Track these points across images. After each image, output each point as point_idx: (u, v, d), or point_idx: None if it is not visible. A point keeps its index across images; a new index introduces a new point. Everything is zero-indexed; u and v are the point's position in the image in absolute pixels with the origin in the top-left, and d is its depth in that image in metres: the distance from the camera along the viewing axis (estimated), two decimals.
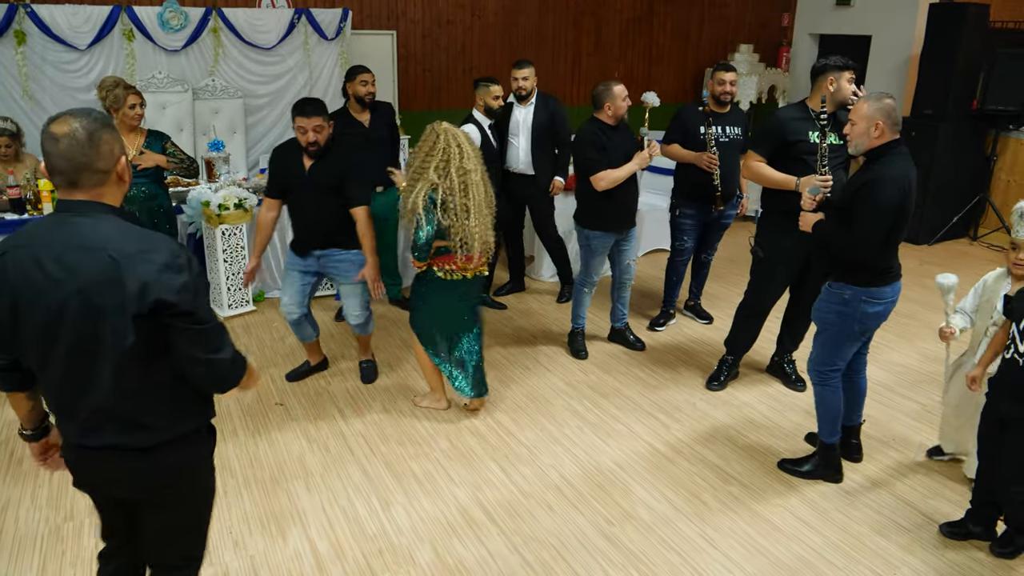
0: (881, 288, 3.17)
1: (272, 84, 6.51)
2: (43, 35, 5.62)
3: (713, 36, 8.92)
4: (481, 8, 7.58)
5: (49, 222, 1.79)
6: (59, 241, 1.74)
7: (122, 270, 1.71)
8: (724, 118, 4.83)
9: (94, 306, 1.72)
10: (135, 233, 1.78)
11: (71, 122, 1.75)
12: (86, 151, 1.74)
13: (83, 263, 1.72)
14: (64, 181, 1.76)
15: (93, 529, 3.08)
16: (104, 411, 1.84)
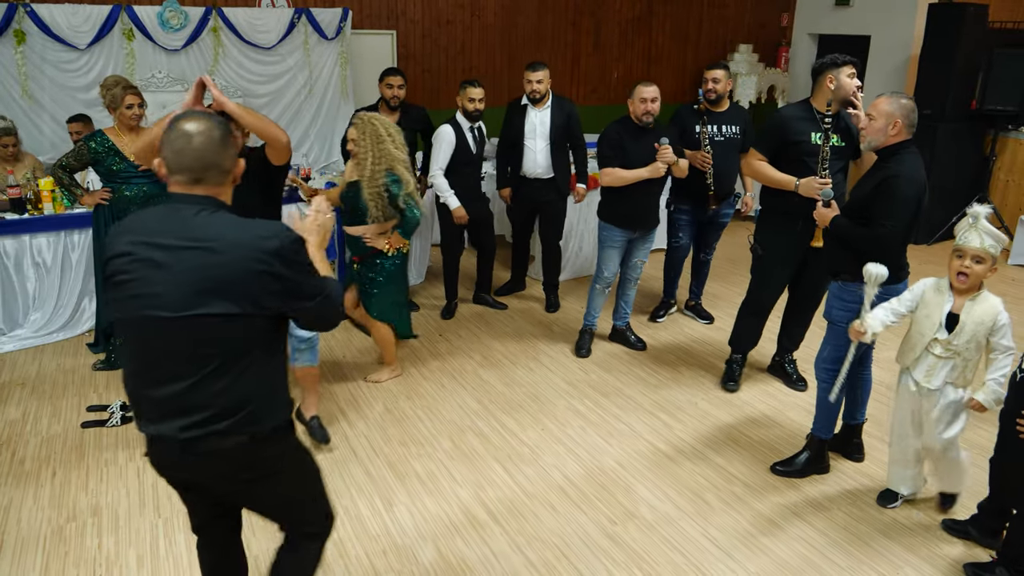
0: (895, 286, 3.18)
1: (272, 84, 6.51)
2: (43, 34, 5.62)
3: (712, 36, 8.92)
4: (480, 8, 7.58)
5: (164, 212, 1.83)
6: (174, 230, 1.79)
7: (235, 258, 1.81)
8: (721, 117, 4.84)
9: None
10: (251, 224, 1.86)
11: (205, 121, 1.82)
12: (218, 150, 1.82)
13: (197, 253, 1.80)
14: (189, 178, 1.82)
15: (96, 529, 3.08)
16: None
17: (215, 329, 1.79)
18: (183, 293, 1.76)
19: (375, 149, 3.80)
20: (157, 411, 1.86)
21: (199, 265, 1.77)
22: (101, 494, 3.30)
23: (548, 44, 8.02)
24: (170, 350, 1.81)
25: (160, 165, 1.86)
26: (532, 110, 5.12)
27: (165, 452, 1.91)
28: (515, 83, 7.88)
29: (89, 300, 4.91)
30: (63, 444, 3.69)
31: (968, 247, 2.81)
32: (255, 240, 1.80)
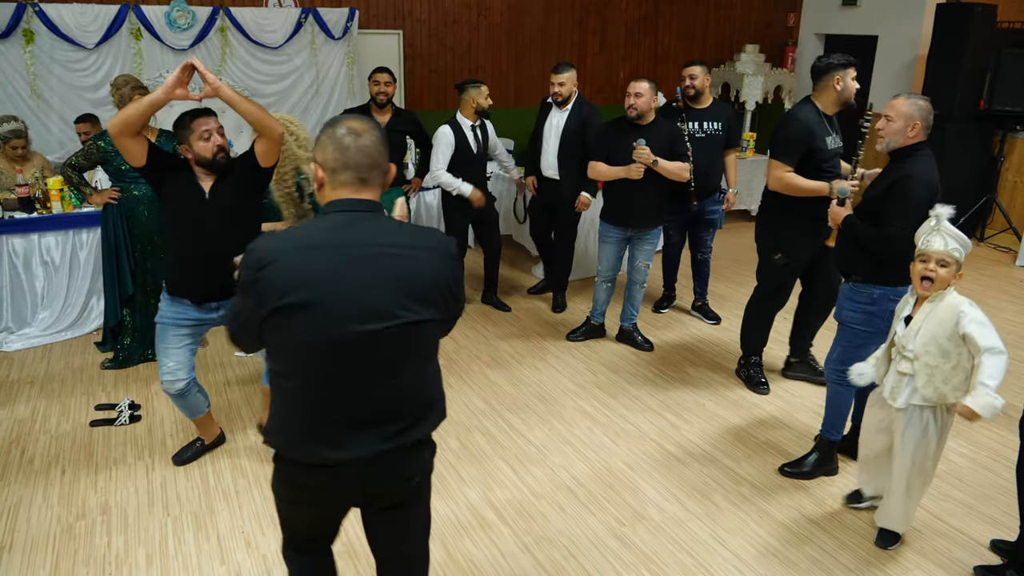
0: (907, 287, 3.16)
1: (279, 83, 6.52)
2: (51, 34, 5.63)
3: (719, 36, 8.91)
4: (487, 8, 7.58)
5: (346, 221, 1.74)
6: (367, 238, 1.73)
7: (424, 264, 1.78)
8: (702, 113, 4.88)
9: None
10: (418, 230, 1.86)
11: (364, 122, 1.78)
12: (381, 150, 1.78)
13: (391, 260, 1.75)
14: (355, 177, 1.75)
15: (105, 527, 3.08)
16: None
17: (414, 336, 1.76)
18: (387, 302, 1.71)
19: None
20: (348, 432, 1.77)
21: (401, 272, 1.72)
22: (110, 493, 3.31)
23: (554, 44, 8.01)
24: (367, 364, 1.73)
25: (317, 168, 1.78)
26: (554, 110, 5.19)
27: (356, 475, 1.82)
28: (521, 83, 7.91)
29: (97, 299, 4.92)
30: (72, 442, 3.70)
31: (932, 251, 2.69)
32: (442, 244, 1.81)
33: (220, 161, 3.06)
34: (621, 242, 4.64)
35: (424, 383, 1.85)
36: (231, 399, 4.14)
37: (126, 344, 4.53)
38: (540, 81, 8.00)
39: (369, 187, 1.77)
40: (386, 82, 4.95)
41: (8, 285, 4.72)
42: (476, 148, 5.05)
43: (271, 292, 1.69)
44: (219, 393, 4.20)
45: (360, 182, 1.76)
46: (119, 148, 2.94)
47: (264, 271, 1.69)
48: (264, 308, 1.71)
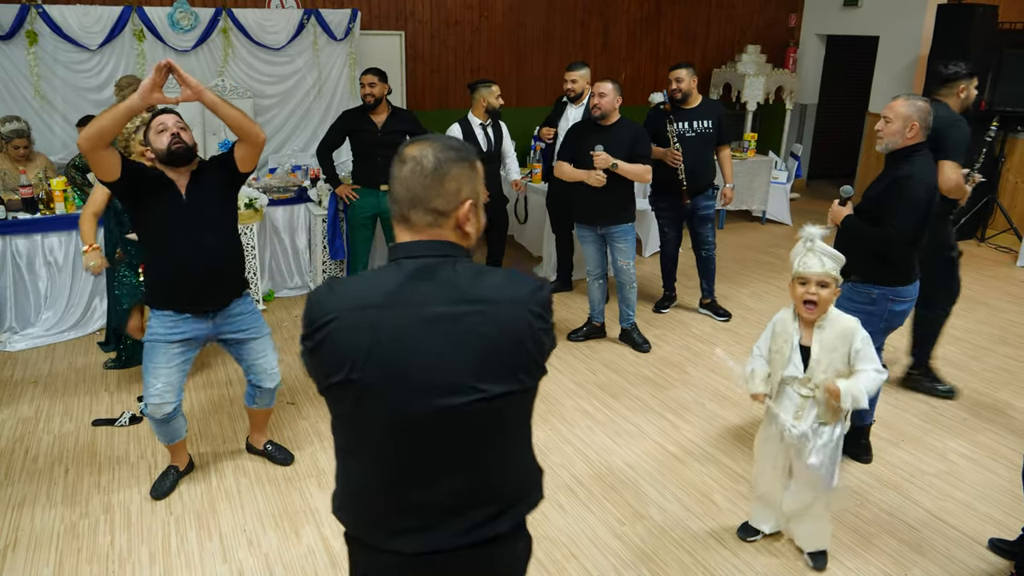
0: (907, 287, 3.21)
1: (281, 84, 6.53)
2: (54, 35, 5.65)
3: (720, 36, 8.92)
4: (489, 9, 7.59)
5: (412, 271, 1.45)
6: (439, 294, 1.43)
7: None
8: (691, 113, 4.99)
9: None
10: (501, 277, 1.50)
11: (424, 147, 1.47)
12: (426, 183, 1.45)
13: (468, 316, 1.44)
14: (397, 213, 1.49)
15: (108, 526, 3.10)
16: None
17: (499, 409, 1.46)
18: (465, 374, 1.41)
19: None
20: (426, 520, 1.49)
21: (481, 334, 1.42)
22: (113, 492, 3.33)
23: (556, 45, 8.03)
24: (444, 444, 1.45)
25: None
26: (570, 107, 5.34)
27: (434, 570, 1.53)
28: (523, 83, 7.92)
29: (100, 299, 4.94)
30: (75, 442, 3.72)
31: (811, 273, 2.61)
32: (531, 293, 1.47)
33: (178, 151, 2.90)
34: (598, 239, 4.72)
35: (514, 461, 1.56)
36: (233, 396, 4.15)
37: (128, 344, 4.55)
38: (542, 82, 8.02)
39: (411, 227, 1.48)
40: (370, 83, 4.96)
41: (12, 286, 4.75)
42: (486, 146, 5.11)
43: (329, 363, 1.44)
44: (221, 390, 4.22)
45: (401, 221, 1.49)
46: (91, 162, 2.74)
47: (321, 333, 1.44)
48: (322, 380, 1.47)
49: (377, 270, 1.51)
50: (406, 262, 1.46)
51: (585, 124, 4.67)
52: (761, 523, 3.05)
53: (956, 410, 4.15)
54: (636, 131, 4.52)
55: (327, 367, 1.44)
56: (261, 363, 3.28)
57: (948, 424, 4.00)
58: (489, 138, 5.14)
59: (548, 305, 1.50)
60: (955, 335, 5.13)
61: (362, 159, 5.14)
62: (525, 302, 1.46)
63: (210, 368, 4.52)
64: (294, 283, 5.78)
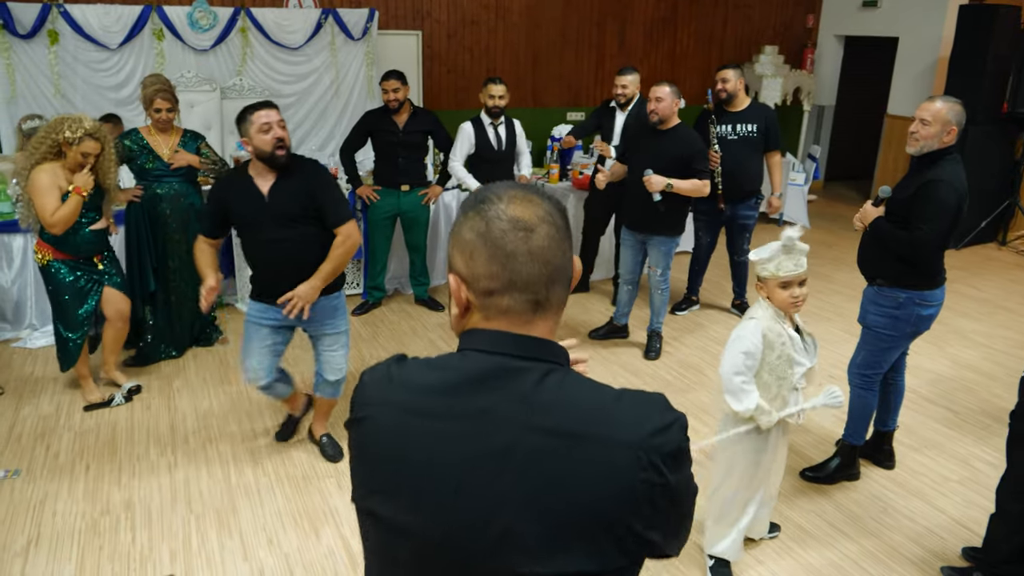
0: (933, 291, 3.17)
1: (299, 84, 6.55)
2: (75, 34, 5.68)
3: (737, 37, 8.87)
4: (505, 9, 7.59)
5: (488, 371, 1.03)
6: (507, 414, 1.01)
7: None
8: (736, 116, 4.89)
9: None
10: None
11: (540, 203, 1.07)
12: (564, 246, 1.08)
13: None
14: (527, 302, 1.05)
15: (129, 523, 3.11)
16: None
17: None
18: (540, 529, 0.96)
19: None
20: None
21: (558, 477, 0.97)
22: (134, 489, 3.35)
23: (573, 45, 8.01)
24: None
25: (458, 283, 1.07)
26: (619, 112, 5.25)
27: None
28: (539, 84, 7.91)
29: None
30: (96, 438, 3.74)
31: (794, 275, 2.59)
32: (651, 434, 1.00)
33: (280, 158, 3.01)
34: (637, 245, 4.65)
35: None
36: (252, 395, 4.16)
37: (148, 341, 4.57)
38: (558, 82, 8.00)
39: (546, 314, 1.07)
40: (394, 89, 4.95)
41: (32, 283, 4.78)
42: (496, 145, 5.08)
43: (356, 472, 1.11)
44: (240, 387, 4.23)
45: (533, 308, 1.05)
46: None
47: (356, 429, 1.11)
48: (354, 489, 1.13)
49: (446, 357, 1.09)
50: (479, 357, 1.05)
51: (642, 126, 4.55)
52: (740, 551, 2.89)
53: (979, 416, 4.11)
54: (693, 144, 4.34)
55: (354, 474, 1.12)
56: (327, 355, 3.42)
57: (971, 430, 3.96)
58: (499, 137, 5.12)
59: (676, 454, 1.02)
60: (976, 339, 5.08)
61: (383, 160, 5.14)
62: (637, 445, 0.98)
63: (229, 367, 4.53)
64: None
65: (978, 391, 4.29)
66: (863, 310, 3.34)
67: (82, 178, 3.71)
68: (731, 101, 4.89)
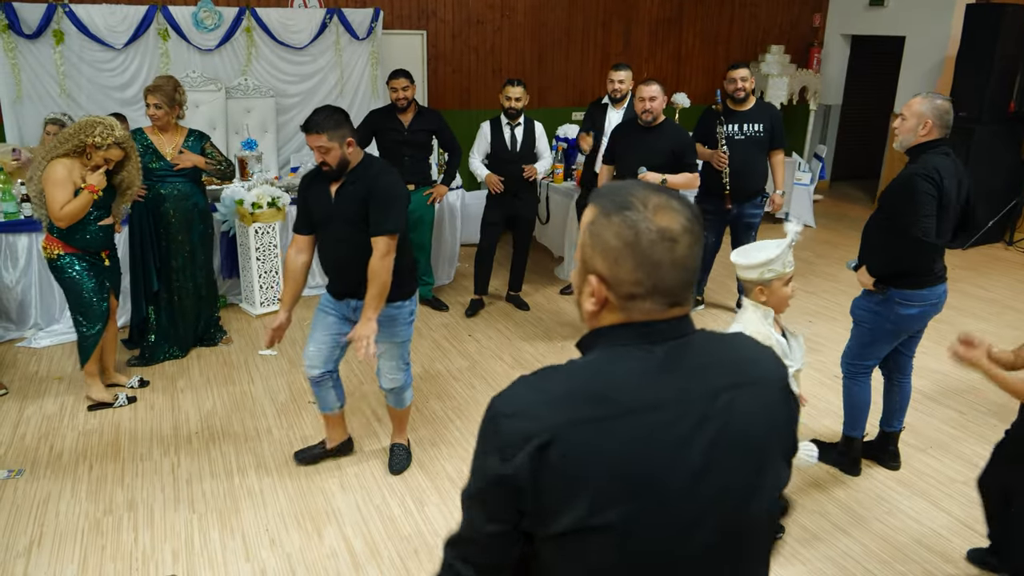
0: (917, 291, 3.14)
1: (303, 84, 6.55)
2: (80, 34, 5.69)
3: (743, 36, 8.84)
4: (511, 8, 7.57)
5: (664, 356, 1.11)
6: (701, 385, 1.11)
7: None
8: (742, 116, 4.87)
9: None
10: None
11: (682, 211, 1.11)
12: (699, 254, 1.14)
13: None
14: (666, 304, 1.12)
15: (132, 523, 3.11)
16: None
17: (764, 527, 1.18)
18: (742, 484, 1.11)
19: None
20: None
21: (748, 423, 1.12)
22: (136, 489, 3.35)
23: (578, 44, 7.99)
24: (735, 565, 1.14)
25: (598, 283, 1.12)
26: (611, 109, 5.27)
27: None
28: (544, 83, 7.89)
29: (124, 297, 4.95)
30: (99, 438, 3.74)
31: (790, 271, 2.54)
32: (781, 370, 1.21)
33: (327, 173, 3.08)
34: None
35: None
36: (255, 394, 4.16)
37: (151, 341, 4.57)
38: (563, 82, 7.99)
39: (681, 309, 1.14)
40: (403, 87, 4.96)
41: (37, 283, 4.79)
42: (511, 146, 5.08)
43: (562, 498, 1.04)
44: (243, 387, 4.23)
45: (670, 307, 1.12)
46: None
47: (541, 457, 1.03)
48: (544, 527, 1.07)
49: (597, 358, 1.12)
50: (639, 349, 1.11)
51: (629, 126, 4.60)
52: None
53: (986, 416, 4.08)
54: (682, 138, 4.41)
55: (551, 509, 1.04)
56: (381, 362, 3.37)
57: (977, 430, 3.93)
58: (515, 138, 5.12)
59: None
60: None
61: (388, 159, 5.12)
62: (782, 381, 1.18)
63: (233, 367, 4.53)
64: (315, 282, 5.77)
65: (984, 391, 4.26)
66: (854, 301, 3.39)
67: (96, 177, 3.72)
68: (744, 100, 4.87)
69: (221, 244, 5.32)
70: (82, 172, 3.72)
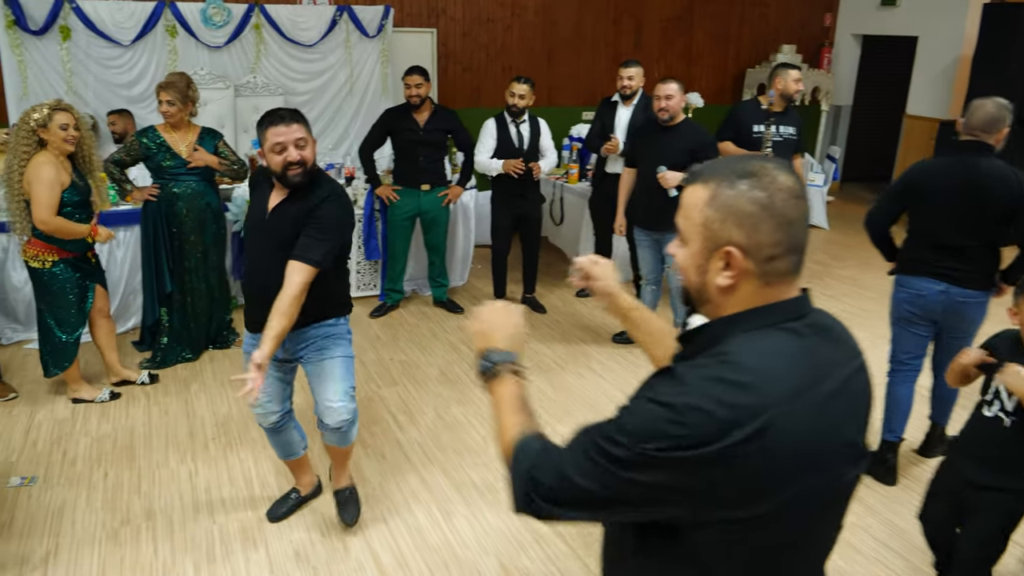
0: (908, 277, 3.30)
1: (313, 81, 6.45)
2: (88, 30, 5.59)
3: (753, 36, 8.77)
4: (521, 7, 7.49)
5: (819, 337, 1.17)
6: (846, 361, 1.19)
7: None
8: (778, 117, 4.75)
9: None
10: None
11: (790, 171, 1.17)
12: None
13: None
14: (797, 261, 1.17)
15: (151, 534, 3.02)
16: None
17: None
18: (860, 434, 1.21)
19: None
20: None
21: (868, 396, 1.23)
22: (154, 498, 3.25)
23: (588, 43, 7.91)
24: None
25: (734, 255, 1.13)
26: (621, 107, 5.17)
27: None
28: (554, 82, 7.81)
29: (134, 296, 4.87)
30: (113, 444, 3.64)
31: None
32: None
33: (293, 178, 2.56)
34: (654, 245, 4.55)
35: None
36: None
37: (163, 344, 4.47)
38: (573, 81, 7.90)
39: (800, 272, 1.18)
40: (417, 84, 4.87)
41: None
42: (517, 143, 4.99)
43: (763, 481, 1.06)
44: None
45: (797, 267, 1.17)
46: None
47: (750, 445, 1.03)
48: (739, 509, 1.07)
49: (764, 336, 1.13)
50: (800, 327, 1.15)
51: (648, 126, 4.51)
52: None
53: None
54: (701, 137, 4.31)
55: (753, 489, 1.06)
56: (319, 391, 2.80)
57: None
58: (521, 135, 5.02)
59: None
60: None
61: (404, 159, 5.04)
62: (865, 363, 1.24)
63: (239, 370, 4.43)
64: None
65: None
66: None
67: (105, 233, 3.87)
68: (792, 103, 4.77)
69: (232, 244, 5.21)
70: (66, 169, 3.68)
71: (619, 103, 5.17)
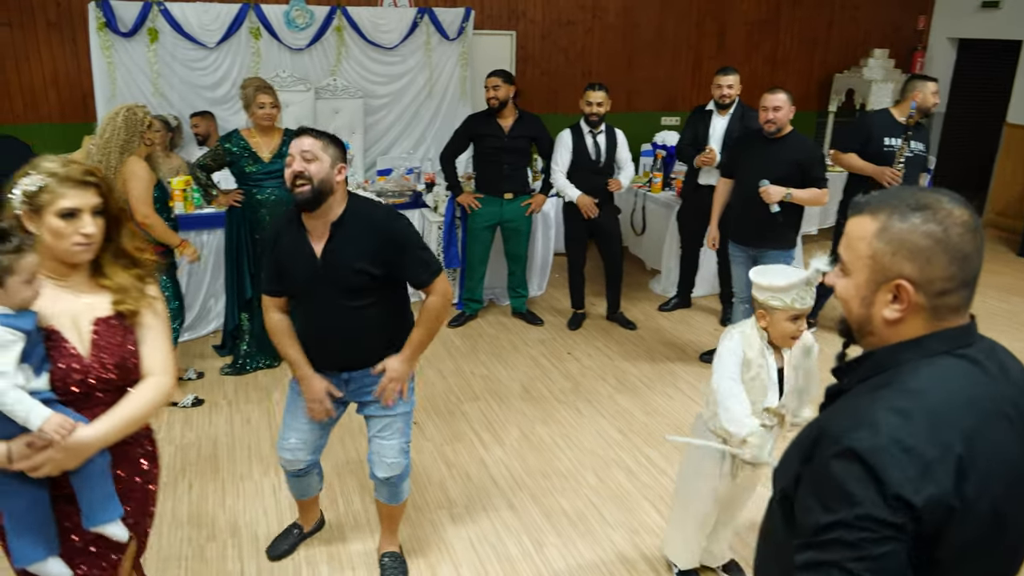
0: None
1: (392, 84, 6.38)
2: (174, 33, 5.62)
3: (842, 40, 8.39)
4: (602, 9, 7.30)
5: (988, 366, 1.16)
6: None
7: None
8: (915, 132, 4.49)
9: None
10: None
11: (961, 200, 1.15)
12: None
13: None
14: (969, 296, 1.16)
15: (237, 551, 2.94)
16: None
17: None
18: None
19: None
20: None
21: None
22: (239, 512, 3.18)
23: (670, 47, 7.67)
24: None
25: (905, 289, 1.13)
26: (716, 116, 4.92)
27: None
28: (634, 86, 7.60)
29: (216, 300, 4.87)
30: (197, 454, 3.60)
31: (804, 308, 2.39)
32: None
33: (299, 195, 2.31)
34: (749, 261, 4.29)
35: None
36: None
37: (243, 349, 4.44)
38: (653, 85, 7.68)
39: (969, 305, 1.18)
40: (495, 86, 4.74)
41: None
42: (595, 155, 4.79)
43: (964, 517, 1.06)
44: None
45: (968, 301, 1.17)
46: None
47: (956, 478, 1.05)
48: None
49: (939, 367, 1.13)
50: (963, 361, 1.14)
51: (750, 137, 4.29)
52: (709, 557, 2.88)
53: None
54: (809, 151, 4.08)
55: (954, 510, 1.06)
56: (376, 443, 2.64)
57: None
58: (598, 146, 4.81)
59: None
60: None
61: (487, 166, 4.91)
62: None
63: None
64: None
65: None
66: None
67: (192, 250, 3.96)
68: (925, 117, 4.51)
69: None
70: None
71: (714, 112, 4.92)
